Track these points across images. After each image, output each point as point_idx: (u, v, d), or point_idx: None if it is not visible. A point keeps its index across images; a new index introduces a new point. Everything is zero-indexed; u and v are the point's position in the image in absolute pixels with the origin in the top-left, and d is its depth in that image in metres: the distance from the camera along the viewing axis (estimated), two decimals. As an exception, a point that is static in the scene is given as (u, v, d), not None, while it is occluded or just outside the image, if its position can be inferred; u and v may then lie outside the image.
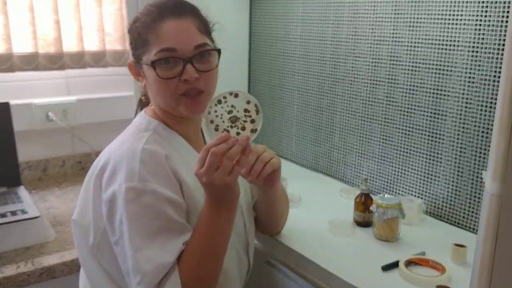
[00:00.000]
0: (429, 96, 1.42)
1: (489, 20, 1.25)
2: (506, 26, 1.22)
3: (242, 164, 0.92)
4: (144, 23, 0.99)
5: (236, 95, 0.97)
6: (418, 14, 1.42)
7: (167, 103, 1.01)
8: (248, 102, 0.97)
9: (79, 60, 1.80)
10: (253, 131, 0.96)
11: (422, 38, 1.42)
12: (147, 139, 0.98)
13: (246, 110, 0.96)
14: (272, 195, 1.14)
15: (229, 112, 0.96)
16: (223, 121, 0.96)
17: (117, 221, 0.93)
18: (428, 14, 1.39)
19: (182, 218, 0.96)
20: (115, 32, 1.87)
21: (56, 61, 1.73)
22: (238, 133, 0.96)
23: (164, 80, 0.97)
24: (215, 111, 0.96)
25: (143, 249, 0.90)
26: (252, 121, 0.96)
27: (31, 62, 1.69)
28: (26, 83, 1.76)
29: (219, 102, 0.96)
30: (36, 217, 1.30)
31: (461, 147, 1.36)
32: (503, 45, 1.23)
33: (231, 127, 0.96)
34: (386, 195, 1.31)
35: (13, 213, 1.31)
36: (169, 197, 0.94)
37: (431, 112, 1.43)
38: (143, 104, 1.13)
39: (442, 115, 1.40)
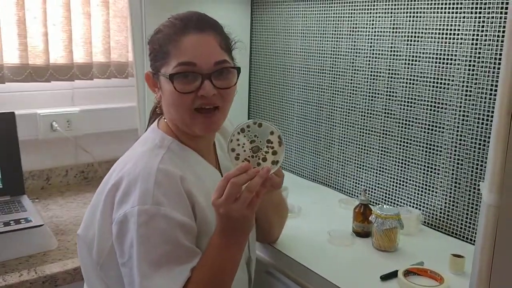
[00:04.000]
0: (427, 109, 1.45)
1: (486, 35, 1.28)
2: (502, 41, 1.25)
3: (261, 197, 0.90)
4: (166, 34, 0.98)
5: (260, 125, 0.94)
6: (416, 28, 1.45)
7: (181, 118, 0.99)
8: (272, 133, 0.94)
9: (87, 71, 1.83)
10: (274, 162, 0.94)
11: (420, 52, 1.44)
12: (162, 157, 0.96)
13: (268, 141, 0.94)
14: (274, 199, 1.15)
15: (252, 141, 0.94)
16: (245, 150, 0.93)
17: (127, 243, 0.91)
18: (426, 28, 1.42)
19: (192, 242, 0.94)
20: (122, 45, 1.91)
21: (67, 72, 1.77)
22: (258, 164, 0.93)
23: (180, 94, 0.95)
24: (237, 140, 0.94)
25: (150, 277, 0.88)
26: (274, 153, 0.94)
27: (44, 74, 1.73)
28: (31, 93, 1.78)
29: (242, 130, 0.94)
30: (40, 226, 1.31)
31: (458, 159, 1.38)
32: (500, 59, 1.25)
33: (252, 157, 0.93)
34: (385, 206, 1.32)
35: (17, 221, 1.31)
36: (181, 221, 0.91)
37: (429, 125, 1.45)
38: (157, 115, 1.10)
39: (439, 127, 1.42)
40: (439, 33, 1.39)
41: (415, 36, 1.45)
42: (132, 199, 0.91)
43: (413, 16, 1.45)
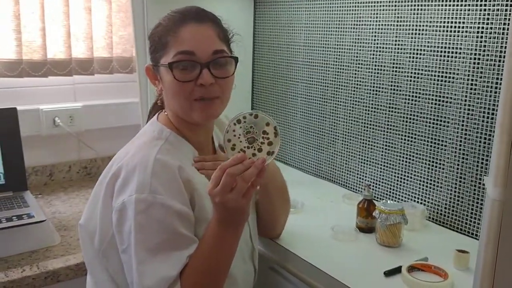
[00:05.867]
0: (431, 103, 1.43)
1: (491, 28, 1.26)
2: (507, 34, 1.23)
3: (256, 186, 0.91)
4: (165, 27, 1.00)
5: (256, 116, 0.95)
6: (420, 22, 1.43)
7: (182, 107, 1.01)
8: (268, 124, 0.95)
9: (88, 67, 1.82)
10: (269, 153, 0.94)
11: (425, 46, 1.43)
12: (159, 148, 0.98)
13: (264, 132, 0.94)
14: (277, 183, 1.16)
15: (247, 132, 0.94)
16: (241, 141, 0.94)
17: (126, 231, 0.93)
18: (431, 22, 1.41)
19: (189, 231, 0.95)
20: (126, 40, 1.90)
21: (65, 67, 1.76)
22: (254, 154, 0.94)
23: (180, 83, 0.98)
24: (233, 130, 0.94)
25: (147, 263, 0.90)
26: (270, 144, 0.94)
27: (40, 68, 1.72)
28: (33, 89, 1.78)
29: (238, 121, 0.94)
30: (42, 221, 1.31)
31: (463, 154, 1.37)
32: (505, 52, 1.24)
33: (248, 147, 0.94)
34: (389, 201, 1.32)
35: (19, 217, 1.31)
36: (178, 210, 0.93)
37: (433, 119, 1.43)
38: (157, 108, 1.12)
39: (444, 122, 1.41)
40: (443, 26, 1.37)
41: (419, 29, 1.44)
42: (130, 188, 0.93)
43: (418, 9, 1.44)
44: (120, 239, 0.95)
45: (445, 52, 1.38)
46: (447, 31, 1.37)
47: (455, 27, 1.35)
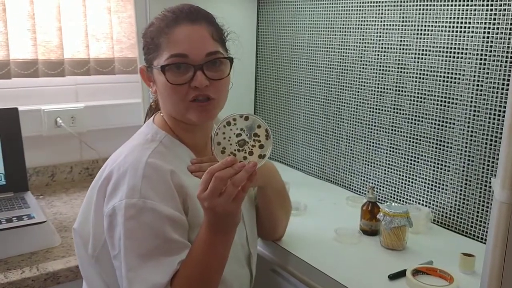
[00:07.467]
0: (437, 105, 1.42)
1: (498, 28, 1.25)
2: (514, 34, 1.21)
3: (247, 191, 0.88)
4: (158, 27, 0.98)
5: (247, 118, 0.92)
6: (425, 22, 1.42)
7: (177, 109, 0.99)
8: (259, 126, 0.92)
9: (85, 66, 1.82)
10: (261, 156, 0.91)
11: (430, 46, 1.41)
12: (152, 151, 0.96)
13: (255, 135, 0.91)
14: (275, 186, 1.15)
15: (238, 135, 0.91)
16: (231, 144, 0.91)
17: (117, 237, 0.92)
18: (436, 22, 1.39)
19: (181, 236, 0.93)
20: (127, 39, 1.90)
21: (58, 67, 1.76)
22: (245, 158, 0.91)
23: (173, 86, 0.96)
24: (223, 133, 0.91)
25: (137, 269, 0.89)
26: (261, 146, 0.91)
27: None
28: (35, 89, 1.78)
29: (228, 124, 0.91)
30: (42, 222, 1.30)
31: (469, 156, 1.35)
32: (512, 53, 1.22)
33: (239, 150, 0.90)
34: (393, 204, 1.30)
35: (19, 218, 1.31)
36: (169, 215, 0.92)
37: (439, 121, 1.42)
38: (153, 110, 1.11)
39: (450, 123, 1.39)
40: (449, 26, 1.36)
41: (425, 30, 1.42)
42: (120, 193, 0.92)
43: (423, 9, 1.42)
44: (111, 244, 0.93)
45: (450, 52, 1.36)
46: (452, 31, 1.35)
47: (461, 27, 1.33)
